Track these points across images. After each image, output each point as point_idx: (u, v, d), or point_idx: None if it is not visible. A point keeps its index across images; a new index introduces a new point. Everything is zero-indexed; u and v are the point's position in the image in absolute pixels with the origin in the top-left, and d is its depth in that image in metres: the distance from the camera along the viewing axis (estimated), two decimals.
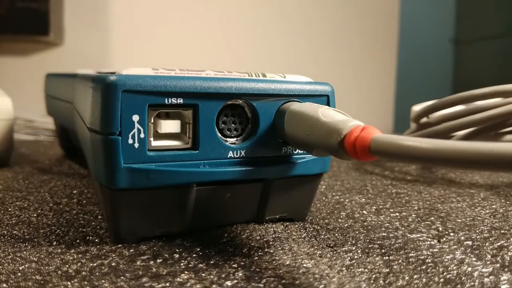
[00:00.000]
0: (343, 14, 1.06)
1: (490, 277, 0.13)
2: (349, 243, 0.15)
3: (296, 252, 0.14)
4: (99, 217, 0.18)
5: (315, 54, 1.03)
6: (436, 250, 0.15)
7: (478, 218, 0.19)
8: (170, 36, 0.87)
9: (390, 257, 0.14)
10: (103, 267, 0.13)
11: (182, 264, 0.13)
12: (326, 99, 0.16)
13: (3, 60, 0.69)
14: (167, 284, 0.12)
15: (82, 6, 0.75)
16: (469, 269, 0.13)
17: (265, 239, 0.15)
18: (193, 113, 0.14)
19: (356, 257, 0.14)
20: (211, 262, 0.13)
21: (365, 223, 0.18)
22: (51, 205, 0.19)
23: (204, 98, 0.14)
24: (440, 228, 0.17)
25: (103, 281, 0.12)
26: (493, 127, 0.28)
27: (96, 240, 0.15)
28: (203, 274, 0.12)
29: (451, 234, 0.17)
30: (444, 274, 0.13)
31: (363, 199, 0.22)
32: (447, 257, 0.14)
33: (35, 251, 0.14)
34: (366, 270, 0.13)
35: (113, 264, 0.13)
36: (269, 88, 0.15)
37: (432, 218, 0.19)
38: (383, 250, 0.15)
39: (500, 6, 1.48)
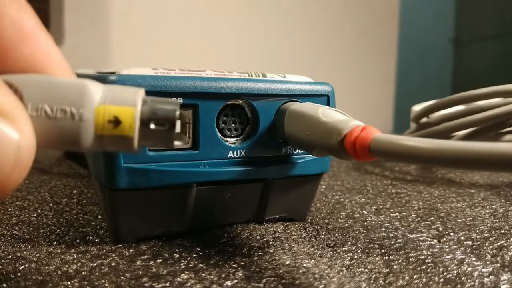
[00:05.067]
0: (343, 14, 1.06)
1: (490, 277, 0.13)
2: (349, 243, 0.15)
3: (296, 252, 0.14)
4: (99, 217, 0.18)
5: (315, 54, 1.03)
6: (436, 250, 0.15)
7: (478, 218, 0.19)
8: (170, 36, 0.87)
9: (390, 257, 0.14)
10: (103, 267, 0.13)
11: (182, 264, 0.13)
12: (326, 99, 0.16)
13: None
14: (167, 284, 0.12)
15: (82, 6, 0.75)
16: (469, 269, 0.13)
17: (265, 239, 0.15)
18: (193, 113, 0.14)
19: (356, 257, 0.14)
20: (211, 262, 0.13)
21: (365, 223, 0.18)
22: (51, 205, 0.19)
23: (204, 98, 0.14)
24: (440, 228, 0.17)
25: (103, 281, 0.12)
26: (493, 127, 0.28)
27: (96, 240, 0.15)
28: (203, 274, 0.12)
29: (451, 234, 0.17)
30: (444, 274, 0.13)
31: (363, 199, 0.22)
32: (447, 257, 0.14)
33: (35, 251, 0.14)
34: (366, 270, 0.13)
35: (113, 264, 0.13)
36: (269, 88, 0.15)
37: (432, 218, 0.19)
38: (383, 250, 0.15)
39: (500, 6, 1.48)
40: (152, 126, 0.10)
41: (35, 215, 0.18)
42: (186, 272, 0.13)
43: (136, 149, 0.10)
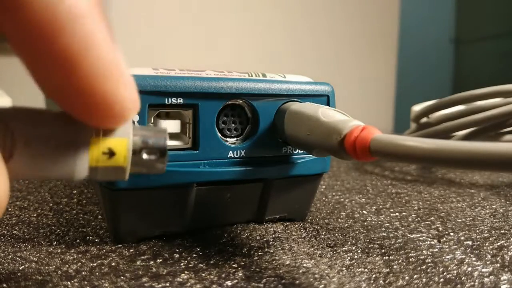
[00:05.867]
0: (343, 15, 1.06)
1: (490, 277, 0.13)
2: (349, 243, 0.15)
3: (296, 252, 0.14)
4: (99, 217, 0.18)
5: (315, 54, 1.03)
6: (436, 250, 0.15)
7: (478, 218, 0.19)
8: (170, 36, 0.87)
9: (390, 257, 0.14)
10: (103, 267, 0.13)
11: (182, 264, 0.13)
12: (326, 99, 0.16)
13: (3, 60, 0.69)
14: (167, 284, 0.12)
15: None
16: (469, 269, 0.13)
17: (265, 239, 0.15)
18: (193, 113, 0.14)
19: (356, 257, 0.14)
20: (211, 262, 0.13)
21: (365, 223, 0.18)
22: (51, 205, 0.19)
23: (204, 98, 0.14)
24: (440, 228, 0.17)
25: (103, 281, 0.12)
26: (493, 127, 0.28)
27: (96, 240, 0.15)
28: (203, 274, 0.12)
29: (451, 234, 0.17)
30: (444, 274, 0.13)
31: (363, 199, 0.22)
32: (447, 257, 0.14)
33: (35, 251, 0.14)
34: (366, 270, 0.13)
35: (113, 264, 0.13)
36: (269, 88, 0.15)
37: (432, 218, 0.19)
38: (383, 250, 0.15)
39: (500, 6, 1.48)
40: (144, 155, 0.10)
41: (35, 215, 0.18)
42: (186, 272, 0.13)
43: (127, 178, 0.10)
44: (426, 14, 1.58)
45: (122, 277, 0.12)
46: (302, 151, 0.16)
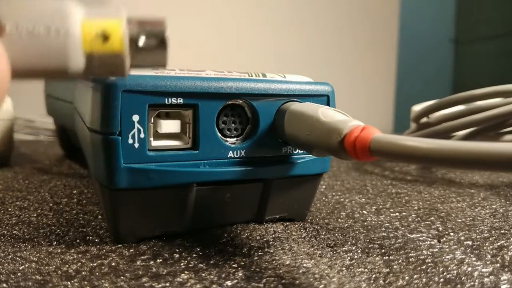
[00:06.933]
0: (343, 15, 1.06)
1: (490, 277, 0.13)
2: (349, 243, 0.15)
3: (296, 252, 0.14)
4: (99, 217, 0.18)
5: (316, 54, 1.03)
6: (436, 250, 0.15)
7: (478, 218, 0.19)
8: (170, 36, 0.87)
9: (390, 257, 0.14)
10: (103, 267, 0.13)
11: (182, 264, 0.13)
12: (326, 99, 0.16)
13: None
14: (167, 284, 0.12)
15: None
16: (469, 269, 0.13)
17: (265, 239, 0.15)
18: (193, 113, 0.14)
19: (356, 257, 0.14)
20: (211, 262, 0.13)
21: (365, 223, 0.18)
22: (51, 205, 0.19)
23: (204, 98, 0.14)
24: (440, 228, 0.17)
25: (103, 281, 0.12)
26: (493, 127, 0.28)
27: (96, 240, 0.15)
28: (203, 274, 0.12)
29: (451, 234, 0.17)
30: (444, 274, 0.13)
31: (363, 199, 0.22)
32: (447, 257, 0.14)
33: (35, 251, 0.14)
34: (366, 270, 0.13)
35: (113, 264, 0.13)
36: (269, 88, 0.15)
37: (432, 218, 0.19)
38: (383, 250, 0.15)
39: (500, 6, 1.48)
40: (142, 42, 0.09)
41: (35, 215, 0.18)
42: (186, 272, 0.13)
43: (126, 71, 0.09)
44: (426, 14, 1.58)
45: (122, 277, 0.12)
46: (302, 151, 0.16)
